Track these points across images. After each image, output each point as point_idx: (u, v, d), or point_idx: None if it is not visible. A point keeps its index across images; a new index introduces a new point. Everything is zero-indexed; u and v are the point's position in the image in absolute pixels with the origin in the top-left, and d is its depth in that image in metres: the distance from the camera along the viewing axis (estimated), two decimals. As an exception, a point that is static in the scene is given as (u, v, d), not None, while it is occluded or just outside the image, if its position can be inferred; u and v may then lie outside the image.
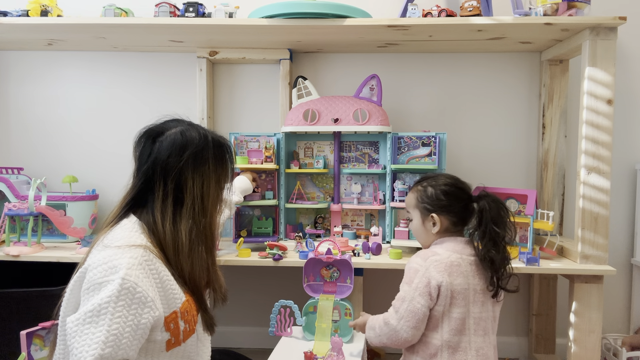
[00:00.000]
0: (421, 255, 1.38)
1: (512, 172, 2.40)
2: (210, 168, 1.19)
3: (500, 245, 1.34)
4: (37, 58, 2.49)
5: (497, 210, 1.36)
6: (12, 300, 1.84)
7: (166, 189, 1.14)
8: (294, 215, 2.30)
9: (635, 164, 2.31)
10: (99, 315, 0.99)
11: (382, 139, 2.23)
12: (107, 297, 1.00)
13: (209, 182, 1.19)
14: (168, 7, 2.04)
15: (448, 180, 1.45)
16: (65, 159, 2.49)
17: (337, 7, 1.92)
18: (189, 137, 1.18)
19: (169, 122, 1.23)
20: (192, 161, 1.16)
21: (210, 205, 1.20)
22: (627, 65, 2.30)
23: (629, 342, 2.12)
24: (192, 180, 1.16)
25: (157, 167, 1.15)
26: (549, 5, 1.89)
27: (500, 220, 1.35)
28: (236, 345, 2.45)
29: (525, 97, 2.38)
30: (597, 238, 1.86)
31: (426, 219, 1.44)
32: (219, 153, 1.23)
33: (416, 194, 1.47)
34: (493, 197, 1.38)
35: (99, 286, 1.02)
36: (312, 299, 1.71)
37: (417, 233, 1.49)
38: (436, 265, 1.32)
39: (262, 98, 2.45)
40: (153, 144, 1.18)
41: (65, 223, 2.03)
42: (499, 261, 1.33)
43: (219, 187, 1.23)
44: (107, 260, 1.05)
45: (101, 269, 1.04)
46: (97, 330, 0.99)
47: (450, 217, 1.41)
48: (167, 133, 1.19)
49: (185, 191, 1.15)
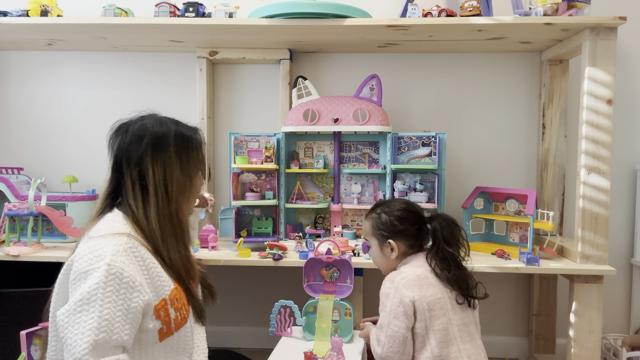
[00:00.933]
0: (389, 278, 1.40)
1: (512, 172, 2.40)
2: (172, 155, 1.21)
3: (452, 264, 1.37)
4: (37, 58, 2.50)
5: (449, 230, 1.40)
6: (12, 300, 1.84)
7: (132, 178, 1.19)
8: (294, 215, 2.30)
9: (635, 164, 2.31)
10: (88, 303, 1.02)
11: (382, 139, 2.23)
12: (94, 285, 1.02)
13: (171, 169, 1.21)
14: (168, 7, 2.04)
15: (401, 205, 1.48)
16: (65, 159, 2.50)
17: (337, 7, 1.92)
18: (148, 126, 1.23)
19: (140, 116, 1.28)
20: (152, 148, 1.20)
21: (175, 193, 1.22)
22: (627, 65, 2.30)
23: (629, 342, 2.12)
24: (153, 167, 1.19)
25: (122, 157, 1.21)
26: (549, 5, 1.89)
27: (453, 240, 1.39)
28: (236, 345, 2.45)
29: (525, 97, 2.38)
30: (597, 238, 1.86)
31: (384, 246, 1.47)
32: (183, 140, 1.25)
33: (371, 222, 1.49)
34: (444, 217, 1.43)
35: (85, 274, 1.05)
36: (312, 299, 1.71)
37: (376, 260, 1.52)
38: (404, 283, 1.34)
39: (262, 98, 2.46)
40: (121, 136, 1.24)
41: (65, 223, 2.03)
42: (458, 278, 1.36)
43: (185, 174, 1.24)
44: (92, 250, 1.08)
45: (87, 258, 1.07)
46: (89, 317, 1.01)
47: (406, 240, 1.45)
48: (132, 125, 1.24)
49: (147, 178, 1.19)
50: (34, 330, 1.48)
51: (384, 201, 1.55)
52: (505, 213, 2.13)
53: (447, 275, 1.35)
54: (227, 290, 2.49)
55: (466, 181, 2.36)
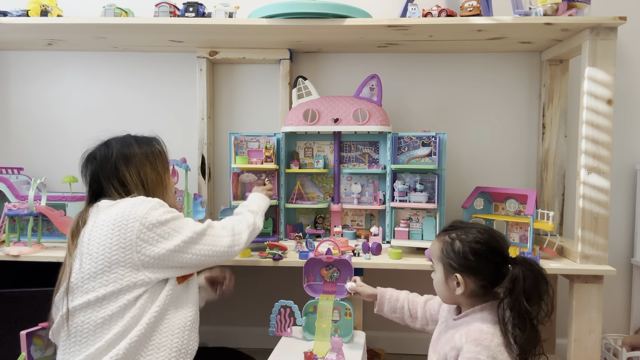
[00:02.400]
0: (480, 341, 1.14)
1: (512, 172, 2.40)
2: (140, 157, 1.44)
3: (527, 325, 1.14)
4: (37, 58, 2.50)
5: (533, 282, 1.15)
6: (12, 300, 1.84)
7: (114, 187, 1.40)
8: (294, 215, 2.30)
9: (635, 164, 2.31)
10: (182, 227, 1.37)
11: (382, 139, 2.23)
12: (179, 219, 1.37)
13: (144, 169, 1.43)
14: (168, 7, 2.04)
15: (479, 237, 1.22)
16: (65, 159, 2.49)
17: (337, 7, 1.92)
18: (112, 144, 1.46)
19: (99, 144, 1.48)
20: (121, 157, 1.42)
21: (151, 188, 1.44)
22: (627, 65, 2.30)
23: (629, 342, 2.12)
24: (128, 172, 1.41)
25: (99, 176, 1.42)
26: (549, 5, 1.89)
27: (534, 295, 1.15)
28: (236, 345, 2.45)
29: (525, 97, 2.38)
30: (597, 238, 1.86)
31: (449, 277, 1.24)
32: (145, 144, 1.48)
33: (442, 245, 1.27)
34: (531, 264, 1.18)
35: (166, 222, 1.33)
36: (312, 299, 1.71)
37: (438, 288, 1.30)
38: (501, 352, 1.13)
39: (262, 98, 2.46)
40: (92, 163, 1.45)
41: (65, 223, 2.02)
42: (523, 343, 1.14)
43: (156, 171, 1.46)
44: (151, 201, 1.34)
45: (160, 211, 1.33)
46: (202, 238, 1.40)
47: (478, 280, 1.21)
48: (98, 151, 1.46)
49: (126, 182, 1.41)
50: (34, 330, 1.48)
51: (463, 224, 1.29)
52: (505, 213, 2.13)
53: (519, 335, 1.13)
54: (227, 290, 2.49)
55: (466, 181, 2.36)
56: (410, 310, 1.52)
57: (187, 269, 1.39)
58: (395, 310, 1.54)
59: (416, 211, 2.13)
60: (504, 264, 1.20)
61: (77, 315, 1.25)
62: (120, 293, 1.25)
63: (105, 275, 1.25)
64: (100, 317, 1.23)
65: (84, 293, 1.26)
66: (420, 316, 1.50)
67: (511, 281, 1.16)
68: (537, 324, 1.15)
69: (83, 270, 1.27)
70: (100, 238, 1.28)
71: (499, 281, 1.21)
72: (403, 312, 1.53)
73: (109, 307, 1.24)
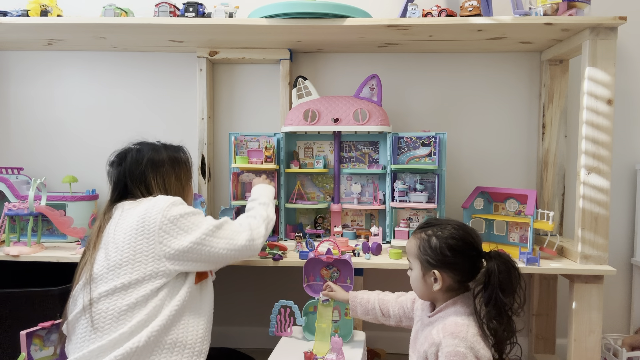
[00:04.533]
0: (456, 334, 1.17)
1: (512, 172, 2.40)
2: (168, 168, 1.53)
3: (504, 316, 1.19)
4: (37, 58, 2.49)
5: (507, 275, 1.19)
6: (12, 300, 1.84)
7: (141, 192, 1.48)
8: (294, 215, 2.30)
9: (635, 164, 2.31)
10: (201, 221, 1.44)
11: (382, 139, 2.23)
12: (200, 216, 1.45)
13: (169, 180, 1.53)
14: (168, 7, 2.04)
15: (455, 233, 1.25)
16: (65, 159, 2.50)
17: (337, 7, 1.92)
18: (144, 148, 1.53)
19: (131, 145, 1.56)
20: (151, 164, 1.50)
21: (171, 195, 1.50)
22: (627, 65, 2.30)
23: (629, 342, 2.12)
24: (154, 180, 1.50)
25: (127, 179, 1.49)
26: (549, 5, 1.89)
27: (509, 287, 1.19)
28: (236, 345, 2.45)
29: (525, 97, 2.38)
30: (597, 238, 1.86)
31: (427, 274, 1.27)
32: (175, 155, 1.57)
33: (418, 243, 1.29)
34: (505, 258, 1.22)
35: (188, 215, 1.42)
36: (312, 299, 1.71)
37: (415, 285, 1.33)
38: (478, 340, 1.16)
39: (262, 98, 2.46)
40: (120, 165, 1.51)
41: (65, 223, 2.02)
42: (501, 334, 1.18)
43: (180, 182, 1.57)
44: (173, 200, 1.42)
45: (180, 208, 1.41)
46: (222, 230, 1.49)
47: (455, 275, 1.25)
48: (129, 153, 1.52)
49: (152, 190, 1.49)
50: (34, 330, 1.48)
51: (438, 221, 1.32)
52: (505, 213, 2.13)
53: (497, 326, 1.17)
54: (227, 290, 2.49)
55: (466, 181, 2.36)
56: (382, 310, 1.54)
57: (208, 264, 1.45)
58: (368, 312, 1.56)
59: (416, 211, 2.13)
60: (479, 258, 1.25)
61: (101, 302, 1.31)
62: (144, 281, 1.32)
63: (130, 264, 1.33)
64: (125, 304, 1.29)
65: (110, 280, 1.32)
66: (393, 314, 1.52)
67: (487, 275, 1.20)
68: (511, 315, 1.20)
69: (109, 259, 1.34)
70: (125, 230, 1.36)
71: (475, 275, 1.25)
72: (375, 312, 1.55)
73: (133, 294, 1.31)
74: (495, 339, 1.18)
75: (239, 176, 2.20)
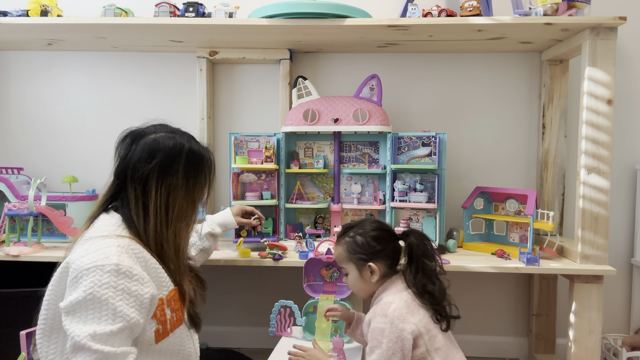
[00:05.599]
0: (379, 312, 1.29)
1: (512, 172, 2.40)
2: (179, 180, 1.19)
3: (434, 278, 1.34)
4: (37, 58, 2.49)
5: (424, 244, 1.37)
6: (12, 300, 1.84)
7: (135, 193, 1.17)
8: (294, 215, 2.30)
9: (635, 164, 2.31)
10: (100, 300, 1.01)
11: (382, 139, 2.23)
12: (105, 282, 1.02)
13: (175, 194, 1.19)
14: (168, 7, 2.04)
15: (373, 226, 1.42)
16: (65, 159, 2.50)
17: (337, 7, 1.92)
18: (161, 144, 1.19)
19: (153, 127, 1.25)
20: (159, 170, 1.18)
21: (175, 218, 1.20)
22: (627, 65, 2.30)
23: (629, 342, 2.12)
24: (156, 190, 1.17)
25: (128, 169, 1.18)
26: (549, 5, 1.89)
27: (429, 254, 1.36)
28: (236, 345, 2.45)
29: (525, 97, 2.38)
30: (597, 238, 1.86)
31: (363, 270, 1.39)
32: (194, 166, 1.22)
33: (346, 247, 1.41)
34: (417, 232, 1.40)
35: (88, 272, 1.03)
36: (312, 299, 1.71)
37: (355, 286, 1.43)
38: (398, 315, 1.26)
39: (262, 98, 2.46)
40: (131, 145, 1.21)
41: (65, 223, 2.03)
42: (438, 292, 1.32)
43: (189, 201, 1.22)
44: (95, 249, 1.07)
45: (92, 256, 1.05)
46: (103, 313, 1.02)
47: (385, 260, 1.39)
48: (145, 137, 1.21)
49: (149, 199, 1.17)
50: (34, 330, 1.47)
51: (353, 223, 1.45)
52: (505, 213, 2.13)
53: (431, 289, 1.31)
54: (227, 290, 2.49)
55: (466, 181, 2.36)
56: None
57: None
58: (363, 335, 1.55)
59: (416, 211, 2.13)
60: (397, 240, 1.41)
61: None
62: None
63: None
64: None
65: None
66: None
67: (409, 250, 1.36)
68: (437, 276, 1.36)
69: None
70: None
71: (398, 257, 1.42)
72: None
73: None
74: (433, 301, 1.31)
75: (239, 176, 2.20)
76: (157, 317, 1.12)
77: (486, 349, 2.43)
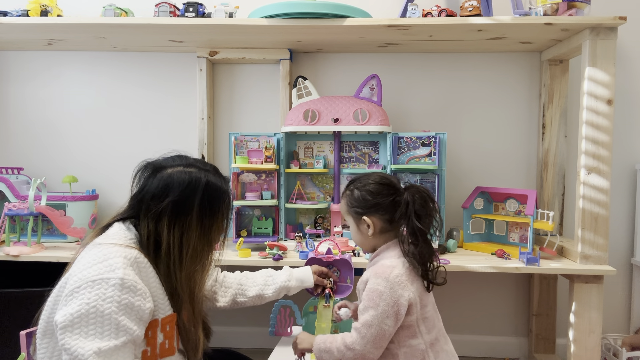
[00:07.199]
0: (380, 274, 1.26)
1: (512, 172, 2.40)
2: (193, 219, 1.14)
3: (419, 239, 1.28)
4: (37, 58, 2.50)
5: (422, 203, 1.29)
6: (12, 300, 1.84)
7: (148, 228, 1.13)
8: (294, 215, 2.30)
9: (635, 164, 2.31)
10: (102, 315, 0.99)
11: (382, 139, 2.23)
12: (109, 296, 1.00)
13: (189, 234, 1.13)
14: (168, 7, 2.04)
15: (371, 179, 1.36)
16: (65, 159, 2.49)
17: (337, 7, 1.92)
18: (175, 180, 1.14)
19: (172, 159, 1.20)
20: (172, 209, 1.12)
21: (189, 260, 1.14)
22: (627, 65, 2.30)
23: (629, 342, 2.12)
24: (169, 230, 1.12)
25: (143, 204, 1.14)
26: (549, 5, 1.89)
27: (424, 213, 1.29)
28: (236, 345, 2.45)
29: (525, 97, 2.38)
30: (597, 238, 1.86)
31: (359, 223, 1.36)
32: (209, 203, 1.16)
33: (346, 199, 1.40)
34: (418, 188, 1.32)
35: (93, 284, 1.01)
36: (312, 299, 1.71)
37: (355, 238, 1.42)
38: (399, 282, 1.24)
39: (262, 98, 2.45)
40: (148, 178, 1.17)
41: (65, 223, 2.03)
42: (423, 255, 1.27)
43: (204, 241, 1.17)
44: (102, 259, 1.05)
45: (97, 267, 1.03)
46: (105, 328, 0.99)
47: (382, 215, 1.33)
48: (162, 171, 1.16)
49: (162, 237, 1.12)
50: (34, 330, 1.47)
51: (357, 177, 1.41)
52: (505, 213, 2.13)
53: (413, 250, 1.27)
54: (227, 290, 2.48)
55: (466, 181, 2.36)
56: None
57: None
58: None
59: (416, 211, 2.13)
60: (398, 194, 1.33)
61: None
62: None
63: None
64: None
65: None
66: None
67: (405, 205, 1.29)
68: (430, 238, 1.30)
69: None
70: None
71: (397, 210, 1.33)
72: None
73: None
74: (419, 262, 1.27)
75: (239, 176, 2.20)
76: (147, 337, 1.08)
77: (486, 349, 2.43)
